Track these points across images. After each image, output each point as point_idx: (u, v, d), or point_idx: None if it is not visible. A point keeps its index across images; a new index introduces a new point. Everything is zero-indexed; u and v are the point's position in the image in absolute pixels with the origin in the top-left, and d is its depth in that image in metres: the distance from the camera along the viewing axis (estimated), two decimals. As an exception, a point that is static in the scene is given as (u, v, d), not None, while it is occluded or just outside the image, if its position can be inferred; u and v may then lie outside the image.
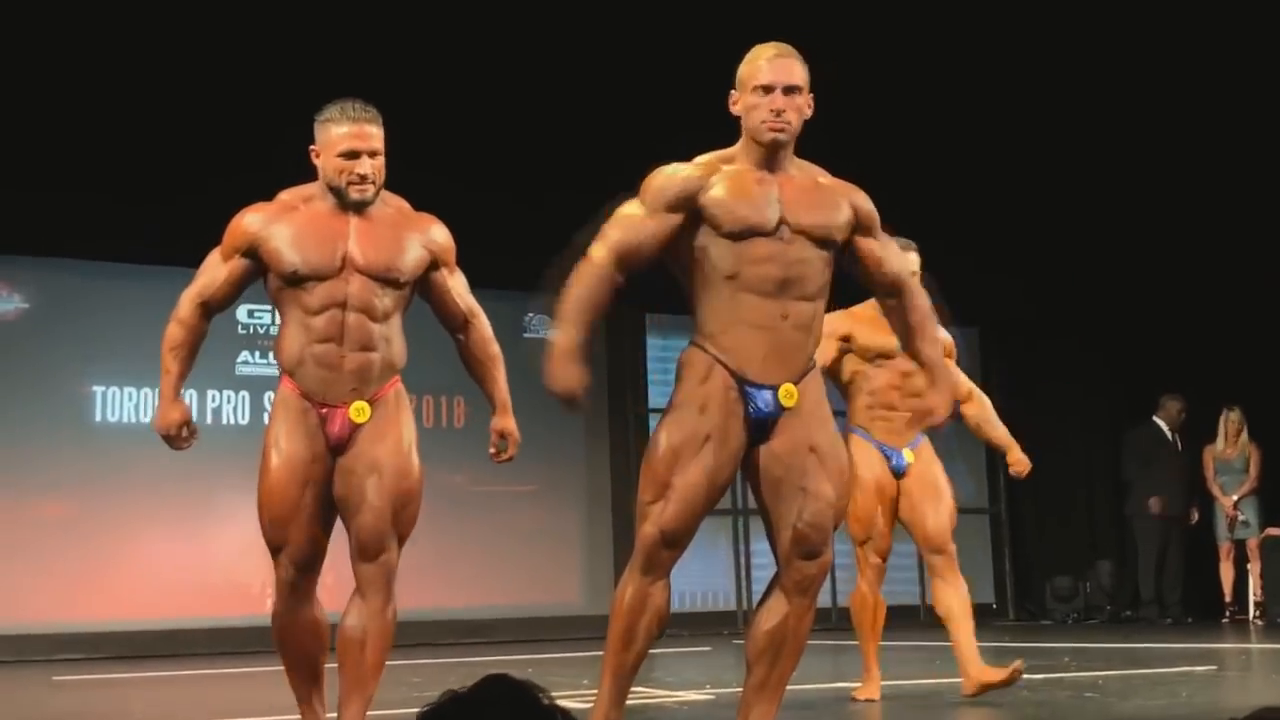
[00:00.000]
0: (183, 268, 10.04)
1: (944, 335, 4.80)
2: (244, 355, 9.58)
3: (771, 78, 3.34)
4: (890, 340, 4.78)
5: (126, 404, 9.37)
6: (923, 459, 5.16)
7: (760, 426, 3.31)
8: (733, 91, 3.44)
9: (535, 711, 1.58)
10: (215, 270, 3.68)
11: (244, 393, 9.58)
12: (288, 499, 3.47)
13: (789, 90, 3.34)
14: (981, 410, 5.50)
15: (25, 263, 9.17)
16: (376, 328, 3.55)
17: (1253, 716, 1.55)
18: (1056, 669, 6.27)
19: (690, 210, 3.33)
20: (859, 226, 3.44)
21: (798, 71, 3.37)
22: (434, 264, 3.68)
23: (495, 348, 3.84)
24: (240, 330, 9.57)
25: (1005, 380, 11.77)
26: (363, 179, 3.54)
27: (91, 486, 9.10)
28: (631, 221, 3.35)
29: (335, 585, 10.45)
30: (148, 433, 9.23)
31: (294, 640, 3.61)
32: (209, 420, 9.50)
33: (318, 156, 3.58)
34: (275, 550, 3.52)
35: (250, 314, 9.49)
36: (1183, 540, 10.59)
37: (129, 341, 9.26)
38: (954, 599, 5.02)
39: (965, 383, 5.41)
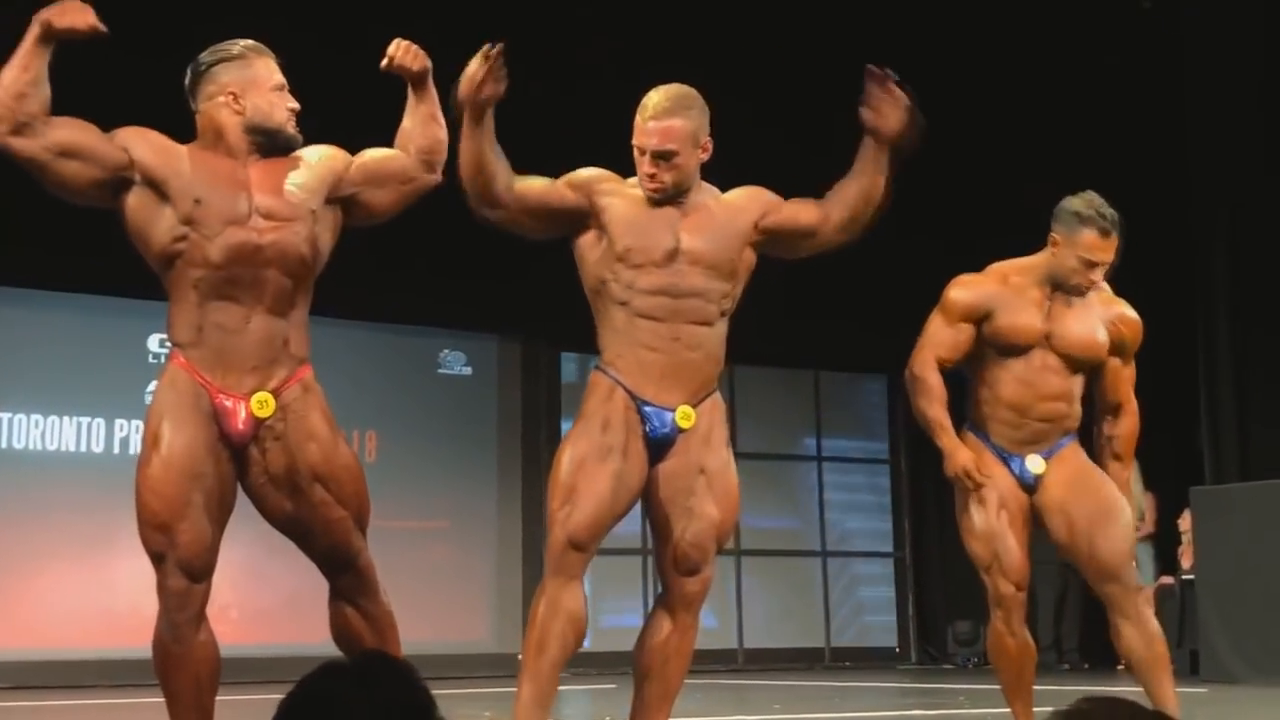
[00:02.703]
0: (94, 295, 9.92)
1: (1131, 313, 4.11)
2: (153, 385, 9.46)
3: (643, 141, 3.42)
4: (1034, 328, 3.99)
5: (33, 431, 9.26)
6: (1070, 471, 4.00)
7: (658, 447, 3.42)
8: None
9: (409, 687, 1.62)
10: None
11: (153, 422, 9.50)
12: (173, 496, 3.01)
13: (660, 155, 3.39)
14: (1116, 438, 4.16)
15: (-70, 287, 9.07)
16: (289, 285, 3.14)
17: (1074, 705, 1.66)
18: (950, 706, 6.41)
19: (588, 198, 3.45)
20: (766, 214, 3.53)
21: (675, 133, 3.38)
22: (338, 186, 3.24)
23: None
24: (151, 359, 9.50)
25: (913, 427, 11.97)
26: (296, 115, 3.22)
27: (-4, 513, 8.98)
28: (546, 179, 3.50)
29: (240, 619, 10.23)
30: (54, 459, 9.25)
31: (182, 669, 3.07)
32: (116, 450, 9.43)
33: (237, 100, 3.16)
34: (159, 557, 3.05)
35: (161, 343, 9.42)
36: (1081, 587, 10.73)
37: (36, 368, 9.19)
38: (1136, 640, 3.93)
39: (1121, 393, 4.15)
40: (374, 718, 1.57)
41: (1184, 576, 9.85)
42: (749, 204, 3.55)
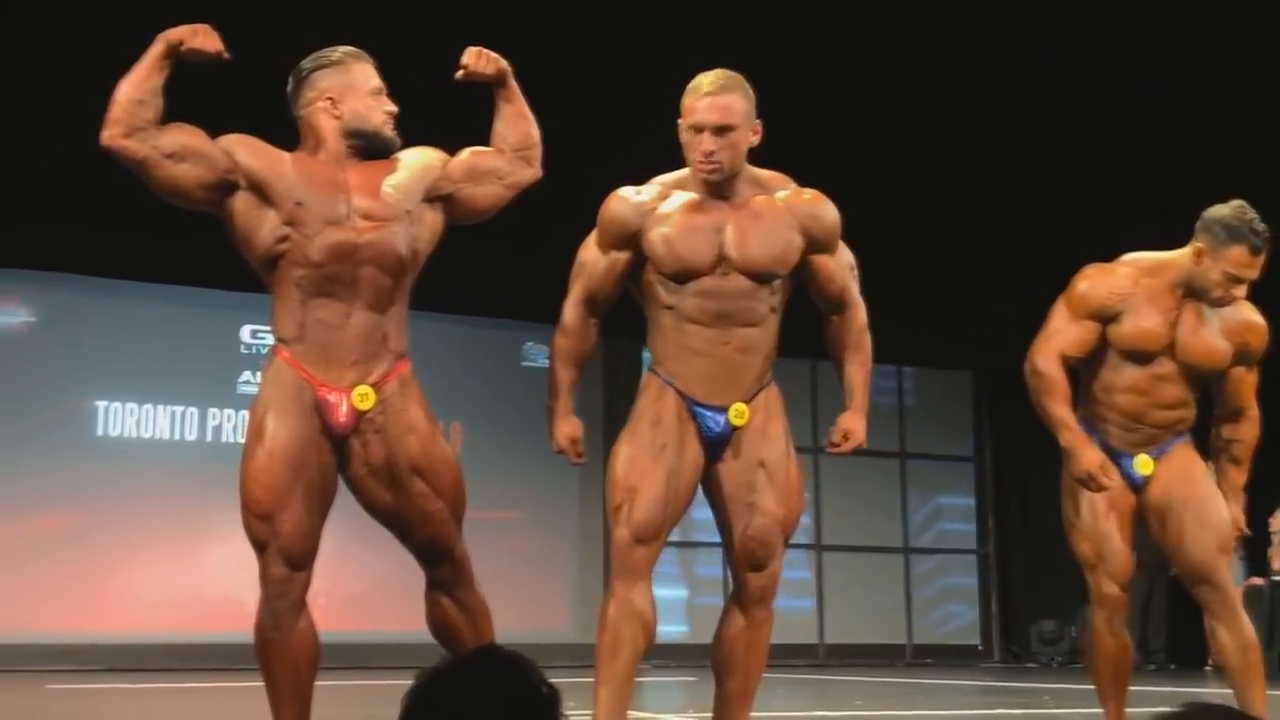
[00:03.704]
0: (189, 286, 10.13)
1: (1257, 319, 3.94)
2: (245, 375, 9.70)
3: (701, 118, 3.34)
4: (1161, 336, 3.85)
5: (128, 419, 9.49)
6: (1174, 469, 3.90)
7: (714, 445, 3.43)
8: (680, 120, 3.43)
9: (522, 686, 1.62)
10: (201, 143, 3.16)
11: (244, 412, 9.68)
12: (276, 486, 3.09)
13: (720, 130, 3.32)
14: (1236, 442, 4.06)
15: (32, 277, 9.33)
16: (388, 282, 3.21)
17: (1177, 710, 1.62)
18: (1035, 705, 6.38)
19: (636, 244, 3.44)
20: (812, 244, 3.45)
21: (734, 109, 3.32)
22: (436, 185, 3.30)
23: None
24: (243, 350, 9.69)
25: (998, 423, 11.90)
26: (394, 117, 3.29)
27: (91, 499, 9.21)
28: (588, 266, 3.50)
29: (329, 605, 10.51)
30: (148, 447, 9.48)
31: (282, 655, 3.14)
32: (209, 438, 9.63)
33: (335, 105, 3.25)
34: (262, 546, 3.11)
35: (254, 334, 9.61)
36: (1167, 587, 10.67)
37: (132, 357, 9.42)
38: (1229, 645, 3.85)
39: (1244, 399, 4.03)
40: (501, 715, 1.55)
41: (1274, 577, 9.72)
42: (803, 221, 3.45)
